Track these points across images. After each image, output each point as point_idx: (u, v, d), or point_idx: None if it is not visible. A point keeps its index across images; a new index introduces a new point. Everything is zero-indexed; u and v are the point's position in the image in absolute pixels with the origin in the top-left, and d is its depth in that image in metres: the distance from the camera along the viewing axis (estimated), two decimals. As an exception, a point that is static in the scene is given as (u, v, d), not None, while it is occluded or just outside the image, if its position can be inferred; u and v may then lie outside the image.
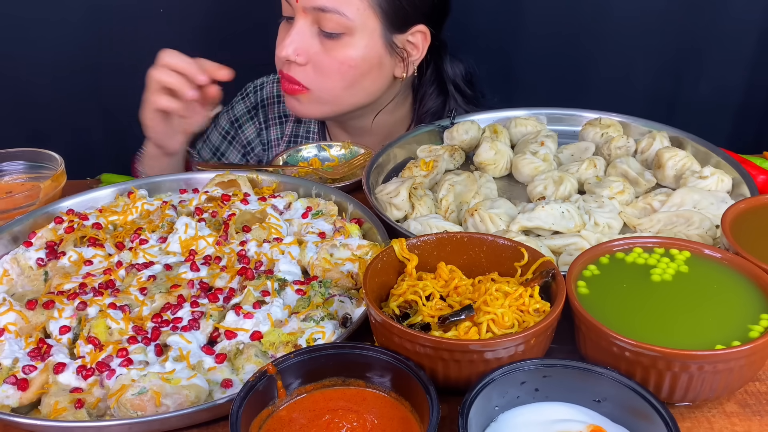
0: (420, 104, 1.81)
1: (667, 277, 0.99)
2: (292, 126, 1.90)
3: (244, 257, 1.16)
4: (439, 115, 1.79)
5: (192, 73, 1.46)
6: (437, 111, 1.80)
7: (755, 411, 0.92)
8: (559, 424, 0.82)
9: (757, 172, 1.38)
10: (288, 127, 1.90)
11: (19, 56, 2.28)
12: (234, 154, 1.90)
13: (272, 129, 1.91)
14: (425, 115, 1.80)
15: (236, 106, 1.91)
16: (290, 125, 1.90)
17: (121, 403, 0.89)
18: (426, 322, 0.94)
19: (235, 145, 1.90)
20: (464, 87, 1.81)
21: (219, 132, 1.90)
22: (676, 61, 2.39)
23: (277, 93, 1.91)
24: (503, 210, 1.25)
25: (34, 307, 1.06)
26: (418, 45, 1.66)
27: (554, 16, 2.36)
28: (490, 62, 2.39)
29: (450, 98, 1.80)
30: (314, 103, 1.65)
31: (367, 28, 1.57)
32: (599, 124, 1.56)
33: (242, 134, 1.90)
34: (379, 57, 1.62)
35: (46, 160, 1.42)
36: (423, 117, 1.80)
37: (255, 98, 1.91)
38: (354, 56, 1.58)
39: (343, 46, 1.57)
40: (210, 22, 2.37)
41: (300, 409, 0.86)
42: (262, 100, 1.91)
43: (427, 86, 1.79)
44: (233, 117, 1.90)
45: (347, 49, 1.57)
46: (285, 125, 1.91)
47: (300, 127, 1.89)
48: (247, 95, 1.92)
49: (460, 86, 1.80)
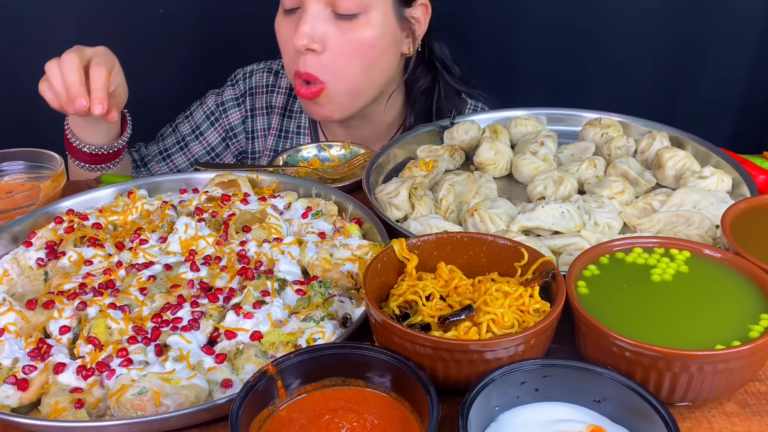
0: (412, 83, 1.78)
1: (667, 277, 0.99)
2: (280, 119, 1.88)
3: (244, 257, 1.16)
4: (431, 93, 1.78)
5: (63, 100, 1.40)
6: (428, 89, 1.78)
7: (755, 411, 0.92)
8: (559, 424, 0.82)
9: (757, 172, 1.38)
10: (275, 120, 1.88)
11: (19, 56, 2.28)
12: (213, 135, 1.87)
13: (258, 119, 1.89)
14: (418, 93, 1.78)
15: (226, 90, 1.88)
16: (277, 118, 1.88)
17: (121, 403, 0.89)
18: (426, 322, 0.94)
19: (217, 127, 1.87)
20: (451, 65, 1.79)
21: (204, 111, 1.87)
22: (677, 61, 2.40)
23: (265, 82, 1.88)
24: (503, 210, 1.25)
25: (34, 307, 1.06)
26: (421, 19, 1.65)
27: (554, 16, 2.36)
28: (491, 62, 2.40)
29: (439, 75, 1.78)
30: (331, 102, 1.62)
31: (381, 4, 1.55)
32: (599, 124, 1.56)
33: (226, 119, 1.88)
34: (394, 33, 1.60)
35: (46, 160, 1.42)
36: (416, 96, 1.79)
37: (244, 86, 1.88)
38: (372, 35, 1.56)
39: (360, 26, 1.54)
40: (205, 24, 2.37)
41: (300, 409, 0.86)
42: (250, 88, 1.88)
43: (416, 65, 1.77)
44: (220, 101, 1.87)
45: (365, 29, 1.55)
46: (272, 117, 1.88)
47: (290, 122, 1.87)
48: (236, 82, 1.89)
49: (447, 64, 1.79)
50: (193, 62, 2.39)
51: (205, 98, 1.89)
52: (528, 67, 2.44)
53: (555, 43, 2.39)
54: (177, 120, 1.90)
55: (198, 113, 1.88)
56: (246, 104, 1.88)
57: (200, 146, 1.87)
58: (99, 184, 1.45)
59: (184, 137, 1.87)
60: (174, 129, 1.89)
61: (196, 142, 1.87)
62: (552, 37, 2.38)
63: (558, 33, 2.37)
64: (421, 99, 1.79)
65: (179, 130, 1.88)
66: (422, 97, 1.79)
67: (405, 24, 1.62)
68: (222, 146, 1.89)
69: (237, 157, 1.91)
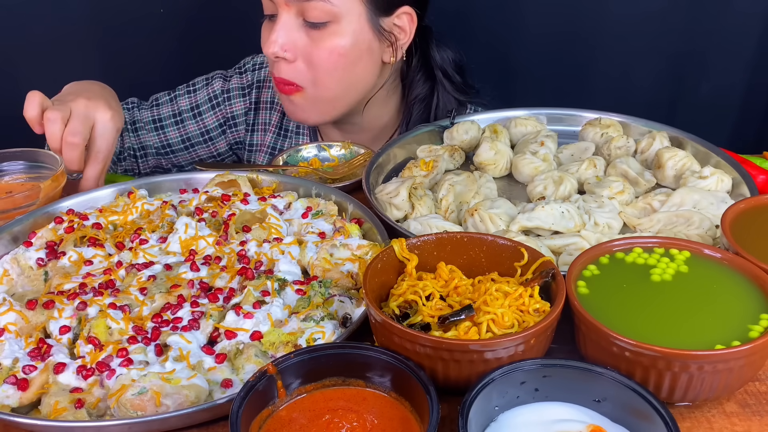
0: (408, 90, 1.78)
1: (667, 277, 0.99)
2: (280, 116, 1.87)
3: (244, 257, 1.16)
4: (428, 102, 1.78)
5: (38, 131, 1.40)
6: (425, 97, 1.78)
7: (755, 411, 0.92)
8: (559, 424, 0.82)
9: (757, 172, 1.38)
10: (275, 116, 1.88)
11: (19, 56, 2.29)
12: (211, 119, 1.86)
13: (261, 112, 1.88)
14: (414, 101, 1.78)
15: (233, 77, 1.87)
16: (278, 114, 1.87)
17: (121, 403, 0.89)
18: (426, 322, 0.94)
19: (217, 112, 1.86)
20: (452, 73, 1.78)
21: (208, 92, 1.86)
22: (677, 61, 2.40)
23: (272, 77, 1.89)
24: (503, 210, 1.25)
25: (34, 307, 1.06)
26: (405, 28, 1.63)
27: (554, 16, 2.36)
28: (491, 62, 2.40)
29: (438, 84, 1.77)
30: (311, 105, 1.63)
31: (352, 13, 1.54)
32: (599, 124, 1.56)
33: (229, 107, 1.86)
34: (368, 42, 1.59)
35: (46, 160, 1.42)
36: (411, 104, 1.78)
37: (252, 77, 1.87)
38: (343, 44, 1.55)
39: (330, 35, 1.54)
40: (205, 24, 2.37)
41: (300, 409, 0.86)
42: (258, 80, 1.87)
43: (414, 73, 1.77)
44: (226, 87, 1.86)
45: (335, 38, 1.55)
46: (273, 112, 1.88)
47: (291, 120, 1.86)
48: (245, 71, 1.88)
49: (448, 72, 1.78)
50: (193, 62, 2.39)
51: (211, 79, 1.87)
52: (528, 67, 2.44)
53: (555, 44, 2.39)
54: (177, 90, 1.87)
55: (201, 93, 1.86)
56: (252, 96, 1.87)
57: (196, 126, 1.86)
58: None
59: (181, 112, 1.85)
60: (172, 99, 1.85)
61: (193, 121, 1.85)
62: (552, 37, 2.38)
63: (558, 33, 2.37)
64: (418, 107, 1.79)
65: (177, 102, 1.85)
66: (419, 106, 1.79)
67: (383, 33, 1.61)
68: (218, 131, 1.87)
69: (232, 146, 1.91)
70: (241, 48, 1.94)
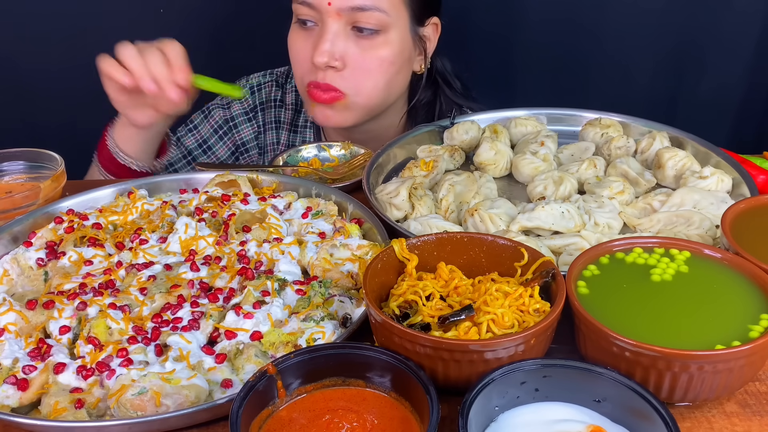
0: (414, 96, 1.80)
1: (667, 277, 0.99)
2: (288, 135, 1.88)
3: (244, 257, 1.16)
4: (431, 107, 1.80)
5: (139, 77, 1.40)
6: (429, 102, 1.81)
7: (755, 411, 0.92)
8: (559, 424, 0.82)
9: (757, 172, 1.38)
10: (284, 135, 1.88)
11: (19, 55, 2.29)
12: (223, 150, 1.86)
13: (269, 133, 1.89)
14: (419, 106, 1.80)
15: (233, 104, 1.87)
16: (285, 133, 1.88)
17: (121, 403, 0.89)
18: (426, 322, 0.94)
19: (226, 141, 1.86)
20: (452, 79, 1.82)
21: (211, 125, 1.86)
22: (676, 60, 2.40)
23: (274, 97, 1.88)
24: (503, 210, 1.25)
25: (34, 307, 1.06)
26: (431, 37, 1.68)
27: (555, 16, 2.36)
28: (491, 62, 2.40)
29: (440, 88, 1.81)
30: (347, 110, 1.64)
31: (399, 23, 1.57)
32: (599, 124, 1.56)
33: (237, 134, 1.87)
34: (409, 51, 1.63)
35: (46, 160, 1.42)
36: (418, 108, 1.80)
37: (253, 100, 1.88)
38: (391, 53, 1.58)
39: (380, 44, 1.56)
40: (205, 24, 2.37)
41: (300, 409, 0.86)
42: (260, 102, 1.88)
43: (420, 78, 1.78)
44: (229, 115, 1.86)
45: (384, 47, 1.57)
46: (281, 131, 1.89)
47: (296, 136, 1.88)
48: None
49: (448, 79, 1.82)
50: (193, 61, 2.39)
51: (209, 112, 1.87)
52: (528, 67, 2.44)
53: (555, 43, 2.39)
54: (178, 133, 1.85)
55: (204, 127, 1.86)
56: (258, 119, 1.88)
57: (208, 160, 1.86)
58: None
59: (191, 152, 1.85)
60: (177, 143, 1.84)
61: (204, 156, 1.85)
62: (552, 37, 2.38)
63: (558, 33, 2.37)
64: (422, 112, 1.81)
65: (183, 144, 1.85)
66: (423, 110, 1.81)
67: (418, 42, 1.65)
68: (231, 160, 1.88)
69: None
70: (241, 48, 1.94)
